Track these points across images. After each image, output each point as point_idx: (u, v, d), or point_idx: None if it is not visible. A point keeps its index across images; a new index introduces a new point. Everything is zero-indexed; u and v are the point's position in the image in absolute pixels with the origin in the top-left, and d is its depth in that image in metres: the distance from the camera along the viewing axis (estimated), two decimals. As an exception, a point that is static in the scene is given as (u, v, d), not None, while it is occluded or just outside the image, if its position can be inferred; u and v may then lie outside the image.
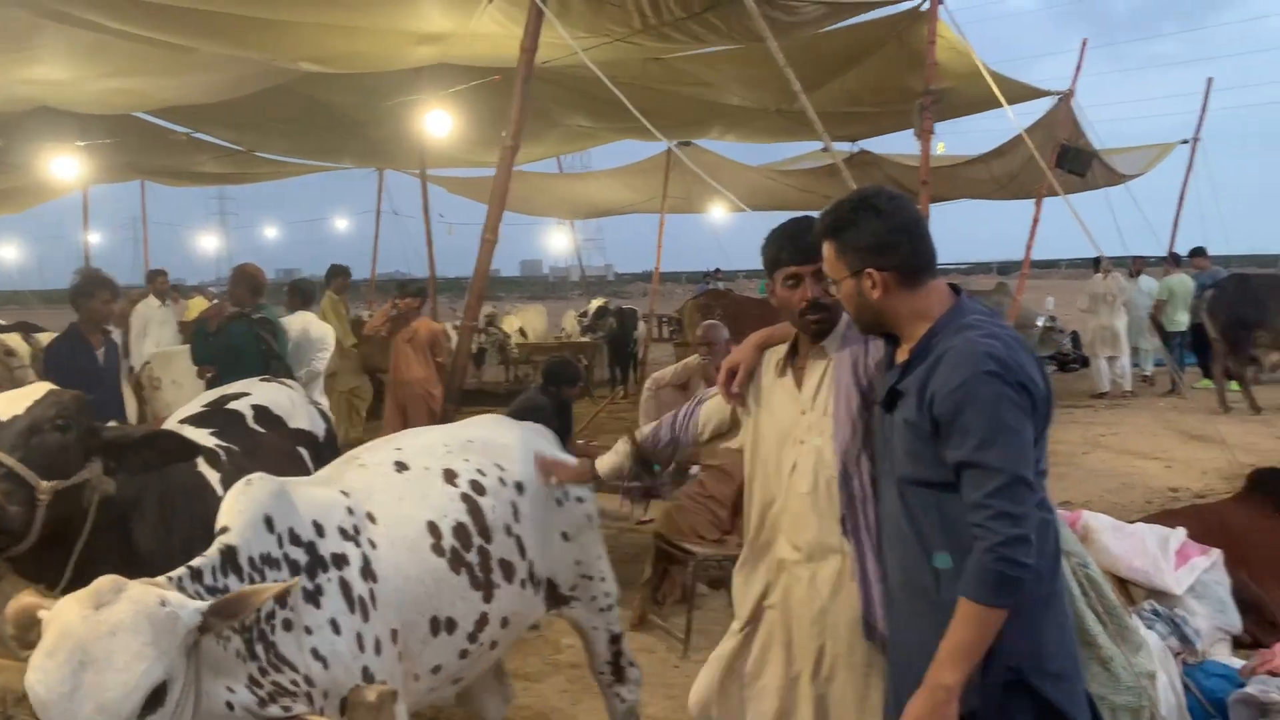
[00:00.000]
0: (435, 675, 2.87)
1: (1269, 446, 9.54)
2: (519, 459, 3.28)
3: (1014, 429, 2.08)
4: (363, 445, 3.28)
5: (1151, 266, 15.17)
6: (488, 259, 5.48)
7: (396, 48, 6.94)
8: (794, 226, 2.63)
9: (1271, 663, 3.89)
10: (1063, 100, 10.71)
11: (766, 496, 2.69)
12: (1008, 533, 2.04)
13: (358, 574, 2.61)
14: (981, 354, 2.11)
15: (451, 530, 2.94)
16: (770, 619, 2.71)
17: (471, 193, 15.66)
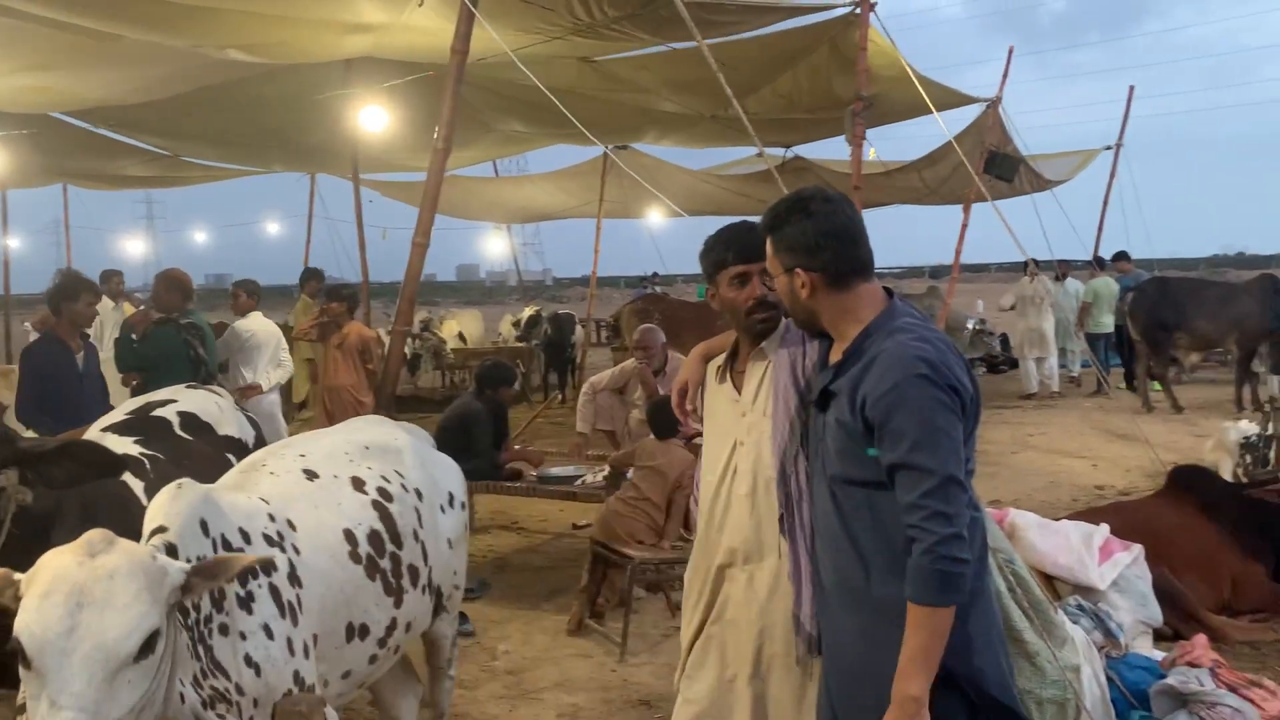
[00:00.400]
0: (345, 680, 2.90)
1: (1189, 445, 9.80)
2: (412, 464, 3.36)
3: (945, 430, 2.12)
4: (264, 450, 3.27)
5: (1078, 270, 15.52)
6: (419, 263, 5.43)
7: (327, 37, 6.82)
8: (739, 228, 2.66)
9: (1191, 654, 4.00)
10: (990, 107, 10.89)
11: (710, 500, 2.71)
12: (943, 532, 2.08)
13: (286, 580, 2.61)
14: (912, 357, 2.15)
15: (366, 537, 2.98)
16: (709, 621, 2.72)
17: (405, 197, 15.51)
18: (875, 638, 2.25)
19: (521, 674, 4.97)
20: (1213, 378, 14.31)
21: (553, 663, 5.09)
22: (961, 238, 11.59)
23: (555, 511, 7.89)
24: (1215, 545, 5.26)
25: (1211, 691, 3.67)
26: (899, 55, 7.86)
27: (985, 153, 10.83)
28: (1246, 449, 7.41)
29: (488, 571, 6.57)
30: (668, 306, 13.13)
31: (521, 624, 5.62)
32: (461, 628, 5.43)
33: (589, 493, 6.02)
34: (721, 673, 2.67)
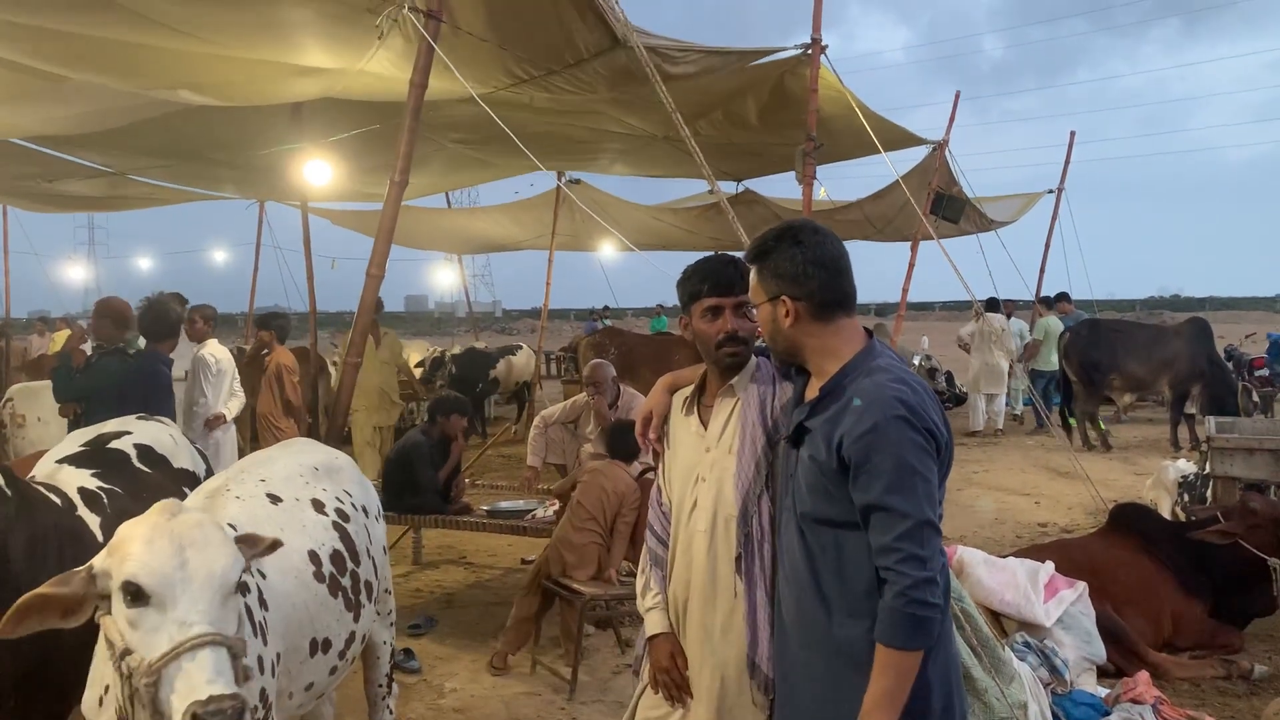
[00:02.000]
0: (307, 692, 3.01)
1: (1128, 483, 10.01)
2: (354, 481, 3.57)
3: (921, 474, 2.13)
4: (222, 475, 3.30)
5: (1021, 310, 15.81)
6: (374, 294, 5.38)
7: (279, 79, 6.77)
8: (716, 260, 2.69)
9: (1134, 691, 4.07)
10: (937, 149, 11.12)
11: (674, 534, 2.71)
12: (916, 575, 2.08)
13: (256, 602, 2.69)
14: (892, 399, 2.15)
15: (329, 557, 3.14)
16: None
17: (356, 225, 15.39)
18: (835, 679, 2.25)
19: (469, 712, 4.90)
20: (1150, 417, 14.64)
21: (500, 701, 5.02)
22: (909, 276, 11.77)
23: (504, 546, 7.83)
24: (1156, 582, 5.36)
25: (1154, 728, 3.72)
26: (849, 94, 8.00)
27: (932, 193, 11.05)
28: (1185, 487, 7.57)
29: (435, 608, 6.49)
30: (624, 341, 13.11)
31: (469, 661, 5.55)
32: (407, 664, 5.39)
33: (539, 527, 5.98)
34: (683, 714, 2.65)
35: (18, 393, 8.95)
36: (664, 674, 2.66)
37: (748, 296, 2.59)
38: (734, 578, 2.56)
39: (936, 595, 2.11)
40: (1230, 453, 6.33)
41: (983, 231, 13.55)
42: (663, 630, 2.69)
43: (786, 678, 2.41)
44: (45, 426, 8.10)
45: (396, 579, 7.15)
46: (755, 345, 2.69)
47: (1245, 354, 16.28)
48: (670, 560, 2.72)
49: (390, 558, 7.22)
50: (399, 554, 7.50)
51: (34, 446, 7.59)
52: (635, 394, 7.01)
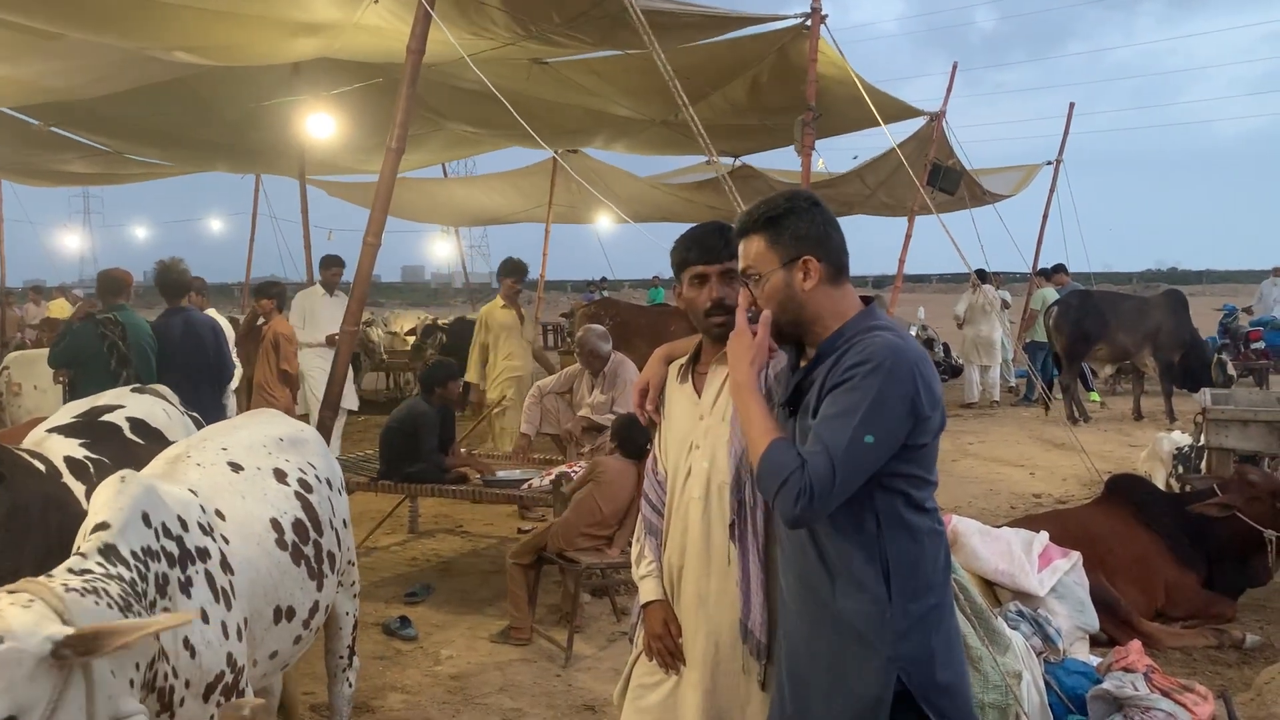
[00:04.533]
0: (271, 661, 3.04)
1: (1123, 454, 10.06)
2: (318, 454, 3.57)
3: (886, 426, 2.09)
4: (183, 443, 3.32)
5: (1015, 283, 15.79)
6: (370, 263, 5.36)
7: (276, 38, 6.69)
8: (703, 229, 2.67)
9: (1126, 659, 4.08)
10: (934, 120, 11.07)
11: (670, 502, 2.71)
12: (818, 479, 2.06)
13: (219, 566, 2.72)
14: (890, 347, 2.14)
15: (291, 526, 3.16)
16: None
17: (352, 197, 15.33)
18: (836, 650, 2.25)
19: (465, 679, 4.93)
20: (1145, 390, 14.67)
21: (497, 668, 5.05)
22: (905, 247, 11.75)
23: (501, 515, 7.86)
24: (1150, 553, 5.39)
25: (1146, 696, 3.75)
26: (848, 66, 7.96)
27: (929, 165, 11.02)
28: (1179, 459, 7.60)
29: (432, 576, 6.51)
30: (620, 311, 13.09)
31: (465, 629, 5.58)
32: (404, 631, 5.42)
33: (536, 496, 5.99)
34: (676, 682, 2.67)
35: (14, 360, 8.96)
36: (658, 641, 2.67)
37: (734, 264, 2.54)
38: (728, 544, 2.57)
39: (801, 505, 2.07)
40: (1225, 424, 6.35)
41: (981, 205, 13.52)
42: (657, 598, 2.70)
43: (788, 648, 2.39)
44: (42, 394, 8.11)
45: (393, 548, 7.20)
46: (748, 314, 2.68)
47: (1241, 327, 16.32)
48: (665, 528, 2.73)
49: (387, 526, 7.34)
50: (395, 522, 7.53)
51: (30, 414, 7.61)
52: (624, 359, 7.01)
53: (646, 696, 2.71)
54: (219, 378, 6.90)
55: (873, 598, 2.18)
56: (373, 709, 4.57)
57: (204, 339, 6.69)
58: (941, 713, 2.18)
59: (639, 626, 2.77)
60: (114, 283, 6.46)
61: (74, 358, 6.20)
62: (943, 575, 2.27)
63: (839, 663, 2.23)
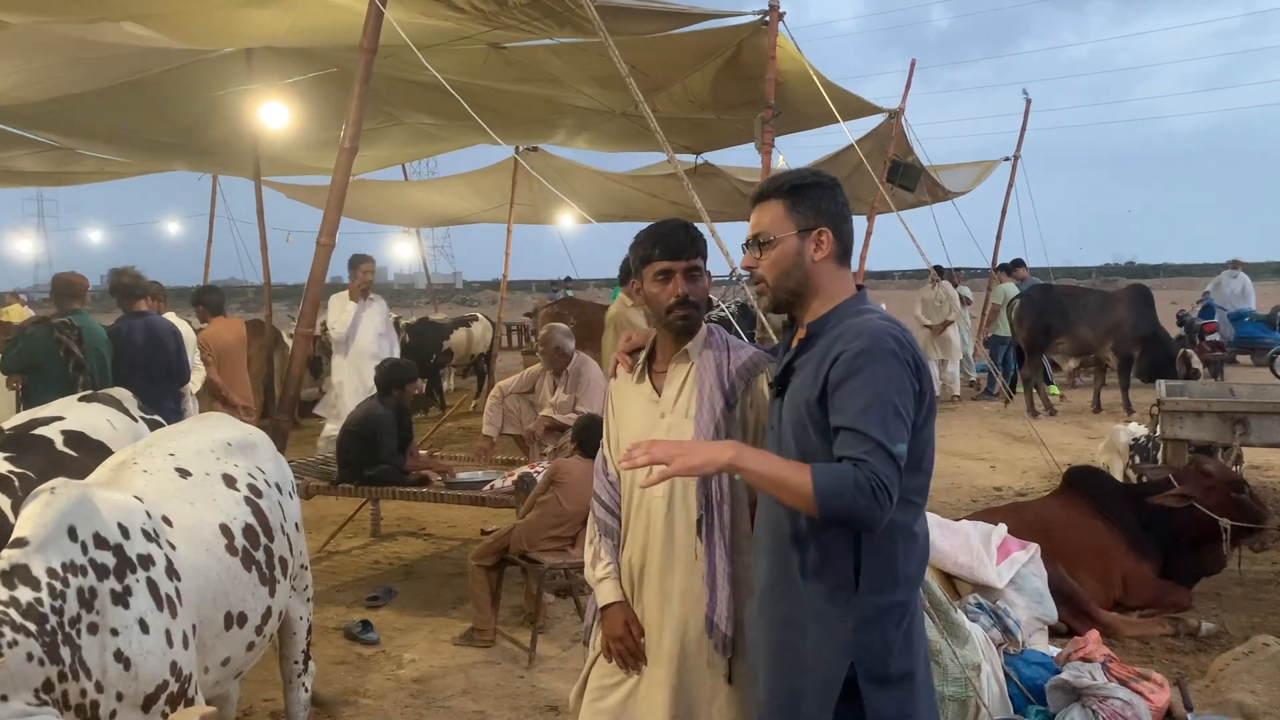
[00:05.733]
0: (224, 668, 3.02)
1: (1081, 446, 10.18)
2: (268, 457, 3.56)
3: (897, 407, 2.11)
4: (130, 449, 3.30)
5: (976, 278, 15.94)
6: (324, 264, 5.31)
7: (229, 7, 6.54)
8: (668, 225, 2.66)
9: (1084, 649, 4.13)
10: (893, 117, 11.13)
11: (627, 501, 2.70)
12: (881, 470, 2.03)
13: (163, 573, 2.69)
14: (883, 332, 2.17)
15: (242, 531, 3.15)
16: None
17: (311, 200, 15.16)
18: (797, 627, 2.26)
19: (428, 682, 4.89)
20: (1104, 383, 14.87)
21: (460, 670, 5.02)
22: (866, 245, 11.82)
23: (463, 517, 7.81)
24: (1107, 543, 5.45)
25: (1103, 685, 3.79)
26: (807, 63, 7.98)
27: (888, 162, 11.08)
28: (1136, 450, 7.70)
29: (394, 579, 6.46)
30: (583, 311, 13.08)
31: (428, 632, 5.54)
32: (366, 636, 5.37)
33: (498, 498, 5.95)
34: (637, 681, 2.66)
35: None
36: (618, 642, 2.66)
37: (699, 261, 2.59)
38: (693, 540, 2.57)
39: (881, 508, 2.03)
40: (1180, 415, 6.43)
41: (939, 202, 13.62)
42: (616, 599, 2.69)
43: (762, 630, 2.38)
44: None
45: (354, 551, 7.13)
46: (707, 313, 2.68)
47: (1197, 320, 16.58)
48: (624, 527, 2.71)
49: (349, 530, 7.27)
50: (357, 526, 7.46)
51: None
52: (586, 358, 6.99)
53: (606, 697, 2.70)
54: (180, 382, 6.93)
55: (840, 584, 2.20)
56: (334, 715, 4.52)
57: (165, 343, 6.72)
58: (877, 708, 2.18)
59: (595, 629, 2.76)
60: (69, 287, 6.39)
61: (28, 363, 6.11)
62: (916, 572, 2.27)
63: (802, 642, 2.25)
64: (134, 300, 6.71)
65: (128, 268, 6.86)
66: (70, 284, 6.38)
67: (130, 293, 6.70)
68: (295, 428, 12.02)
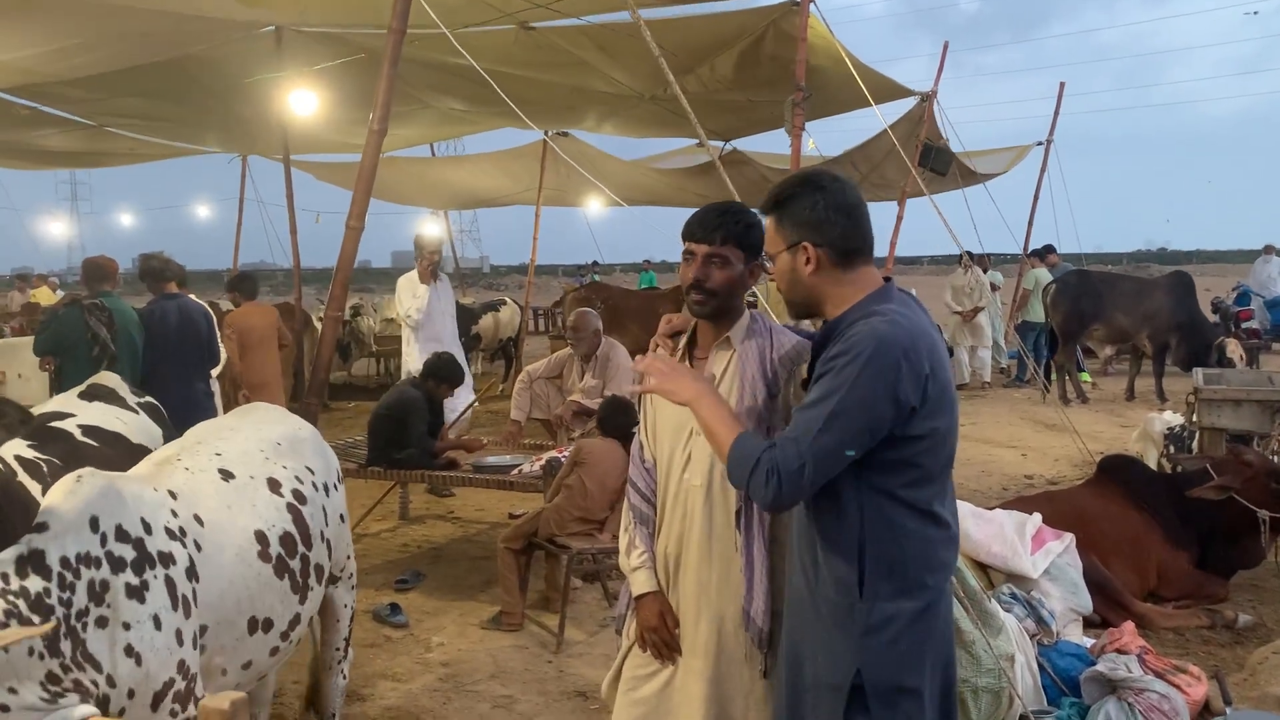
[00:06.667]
0: (245, 671, 2.97)
1: (1114, 434, 10.05)
2: (316, 453, 3.51)
3: (843, 413, 2.05)
4: (177, 443, 3.28)
5: (1007, 263, 15.77)
6: (353, 247, 5.29)
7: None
8: (711, 208, 2.61)
9: (1119, 641, 4.07)
10: (925, 100, 11.01)
11: (663, 490, 2.66)
12: (780, 463, 2.06)
13: (183, 573, 2.66)
14: (874, 336, 2.08)
15: (279, 539, 3.09)
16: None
17: (340, 180, 15.20)
18: (816, 632, 2.23)
19: (456, 666, 4.90)
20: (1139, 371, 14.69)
21: (488, 654, 5.02)
22: (896, 230, 11.72)
23: (491, 501, 7.81)
24: (1142, 533, 5.36)
25: (1139, 678, 3.73)
26: (839, 45, 7.89)
27: (920, 145, 10.96)
28: (1170, 439, 7.59)
29: (423, 562, 6.47)
30: (611, 295, 13.03)
31: (456, 615, 5.54)
32: (394, 619, 5.38)
33: (526, 482, 5.94)
34: (673, 672, 2.63)
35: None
36: (653, 633, 2.62)
37: (725, 250, 2.53)
38: (733, 531, 2.53)
39: (771, 485, 2.08)
40: (1218, 404, 6.33)
41: (972, 184, 13.48)
42: (651, 589, 2.65)
43: (788, 630, 2.37)
44: (26, 383, 8.02)
45: (383, 534, 7.15)
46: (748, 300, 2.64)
47: (1232, 307, 16.34)
48: (660, 516, 2.68)
49: (377, 513, 7.30)
50: (385, 509, 7.48)
51: (15, 403, 7.54)
52: (615, 343, 6.96)
53: (641, 688, 2.67)
54: (212, 364, 7.02)
55: (845, 590, 2.17)
56: (363, 697, 4.53)
57: (198, 326, 6.78)
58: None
59: (629, 618, 2.73)
60: (99, 270, 6.43)
61: (59, 344, 6.15)
62: (935, 579, 2.20)
63: (819, 648, 2.22)
64: (164, 283, 6.75)
65: (156, 253, 6.95)
66: (100, 267, 6.42)
67: (160, 276, 6.75)
68: (325, 410, 12.17)
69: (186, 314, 6.70)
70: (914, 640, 2.16)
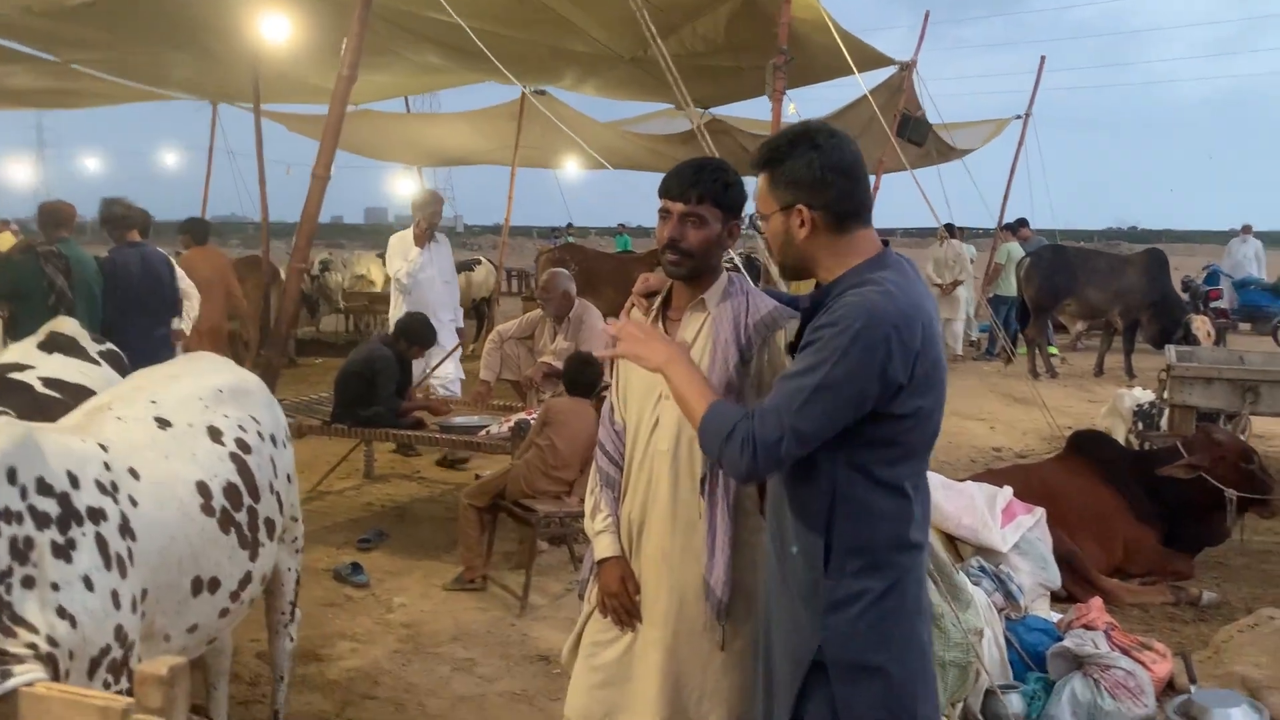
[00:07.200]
0: (190, 635, 2.79)
1: (1082, 409, 10.11)
2: (262, 405, 3.31)
3: (825, 388, 1.96)
4: (110, 392, 3.09)
5: (980, 237, 15.78)
6: (319, 197, 5.14)
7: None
8: (687, 165, 2.50)
9: (1086, 617, 4.06)
10: (905, 70, 10.91)
11: (631, 453, 2.59)
12: (756, 433, 1.99)
13: (116, 530, 2.46)
14: (865, 308, 1.98)
15: (222, 490, 2.89)
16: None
17: (312, 131, 14.84)
18: (785, 605, 2.17)
19: (417, 627, 4.83)
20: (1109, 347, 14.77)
21: (450, 616, 4.95)
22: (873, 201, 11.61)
23: (458, 461, 7.73)
24: (1110, 509, 5.37)
25: (1106, 654, 3.72)
26: (822, 9, 7.77)
27: (898, 116, 10.87)
28: (1139, 416, 7.61)
29: (386, 522, 6.39)
30: (585, 257, 12.90)
31: (419, 576, 5.47)
32: (355, 578, 5.30)
33: (494, 443, 5.86)
34: (633, 639, 2.57)
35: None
36: (613, 599, 2.56)
37: (701, 209, 2.42)
38: (697, 499, 2.46)
39: (745, 454, 2.00)
40: (1190, 381, 6.33)
41: (949, 160, 13.41)
42: (613, 554, 2.59)
43: (766, 603, 2.30)
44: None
45: (347, 492, 7.05)
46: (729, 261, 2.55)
47: (1202, 286, 16.46)
48: (625, 480, 2.61)
49: (341, 470, 7.19)
50: (350, 467, 7.38)
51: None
52: (588, 306, 6.87)
53: (600, 654, 2.61)
54: (174, 313, 6.81)
55: (810, 565, 2.10)
56: (321, 657, 4.46)
57: (161, 274, 6.60)
58: (848, 700, 2.07)
59: (591, 583, 2.66)
60: (55, 215, 6.25)
61: (14, 291, 5.98)
62: (904, 559, 2.11)
63: (788, 621, 2.17)
64: (126, 230, 6.56)
65: (119, 198, 6.70)
66: (57, 212, 6.24)
67: (122, 223, 6.56)
68: (291, 365, 12.00)
69: (149, 263, 6.52)
70: (877, 618, 2.08)
